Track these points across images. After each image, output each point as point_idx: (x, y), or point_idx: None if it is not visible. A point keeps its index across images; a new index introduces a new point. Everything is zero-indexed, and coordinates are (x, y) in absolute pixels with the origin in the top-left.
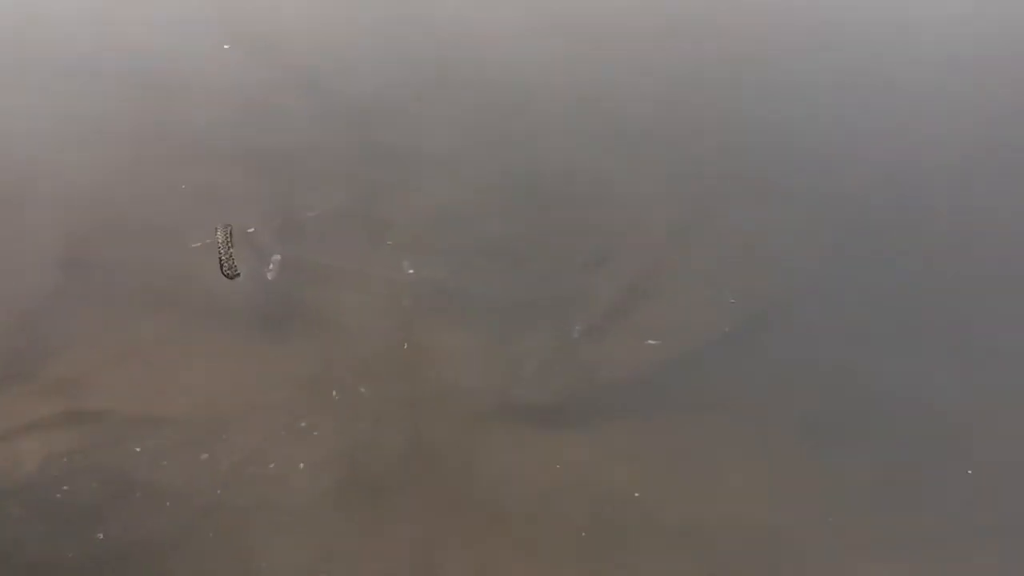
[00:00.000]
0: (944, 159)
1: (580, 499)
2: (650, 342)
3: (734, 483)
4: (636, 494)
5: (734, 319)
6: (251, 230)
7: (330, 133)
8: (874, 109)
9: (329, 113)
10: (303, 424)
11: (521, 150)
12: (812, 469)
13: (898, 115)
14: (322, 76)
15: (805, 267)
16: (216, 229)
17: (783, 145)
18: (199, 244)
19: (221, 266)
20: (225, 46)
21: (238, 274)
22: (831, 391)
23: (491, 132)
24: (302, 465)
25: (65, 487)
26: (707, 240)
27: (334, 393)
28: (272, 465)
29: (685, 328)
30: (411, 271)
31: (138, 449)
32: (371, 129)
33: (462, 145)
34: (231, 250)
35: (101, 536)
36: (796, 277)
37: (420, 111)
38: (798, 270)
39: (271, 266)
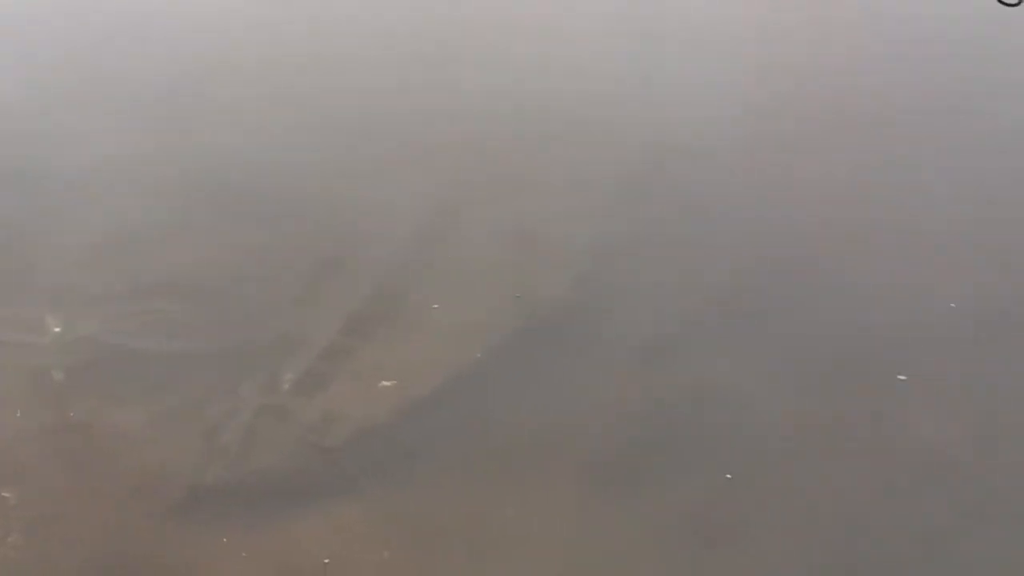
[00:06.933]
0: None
1: None
2: (384, 384)
3: (516, 557)
4: None
5: (490, 343)
6: None
7: None
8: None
9: None
10: None
11: (200, 151)
12: (604, 522)
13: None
14: None
15: (588, 271)
16: None
17: (551, 111)
18: None
19: None
20: None
21: None
22: (621, 420)
23: (154, 131)
24: None
25: None
26: (454, 246)
27: None
28: None
29: (428, 360)
30: (58, 329)
31: None
32: None
33: (115, 152)
34: None
35: None
36: (574, 281)
37: (53, 110)
38: (578, 274)
39: None
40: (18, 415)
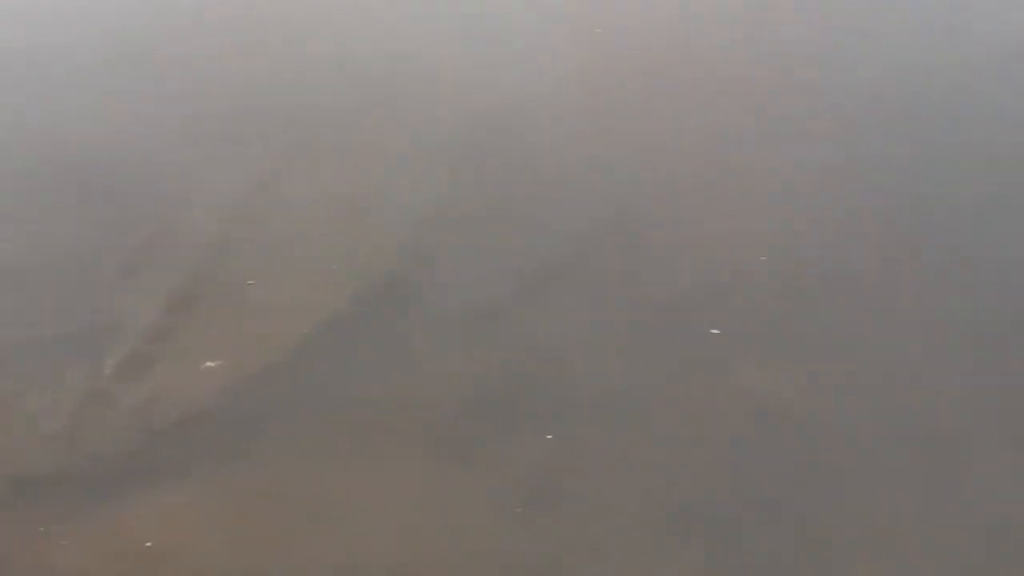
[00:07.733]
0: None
1: None
2: (208, 364)
3: (352, 531)
4: None
5: (318, 317)
6: None
7: None
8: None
9: None
10: None
11: (10, 129)
12: (439, 489)
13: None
14: None
15: (415, 238)
16: None
17: (378, 76)
18: None
19: None
20: None
21: None
22: (452, 386)
23: None
24: None
25: None
26: (275, 219)
27: None
28: None
29: (254, 338)
30: None
31: None
32: None
33: None
34: None
35: None
36: (401, 249)
37: None
38: (406, 242)
39: None
40: None
